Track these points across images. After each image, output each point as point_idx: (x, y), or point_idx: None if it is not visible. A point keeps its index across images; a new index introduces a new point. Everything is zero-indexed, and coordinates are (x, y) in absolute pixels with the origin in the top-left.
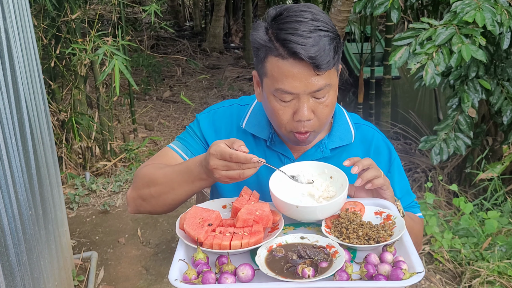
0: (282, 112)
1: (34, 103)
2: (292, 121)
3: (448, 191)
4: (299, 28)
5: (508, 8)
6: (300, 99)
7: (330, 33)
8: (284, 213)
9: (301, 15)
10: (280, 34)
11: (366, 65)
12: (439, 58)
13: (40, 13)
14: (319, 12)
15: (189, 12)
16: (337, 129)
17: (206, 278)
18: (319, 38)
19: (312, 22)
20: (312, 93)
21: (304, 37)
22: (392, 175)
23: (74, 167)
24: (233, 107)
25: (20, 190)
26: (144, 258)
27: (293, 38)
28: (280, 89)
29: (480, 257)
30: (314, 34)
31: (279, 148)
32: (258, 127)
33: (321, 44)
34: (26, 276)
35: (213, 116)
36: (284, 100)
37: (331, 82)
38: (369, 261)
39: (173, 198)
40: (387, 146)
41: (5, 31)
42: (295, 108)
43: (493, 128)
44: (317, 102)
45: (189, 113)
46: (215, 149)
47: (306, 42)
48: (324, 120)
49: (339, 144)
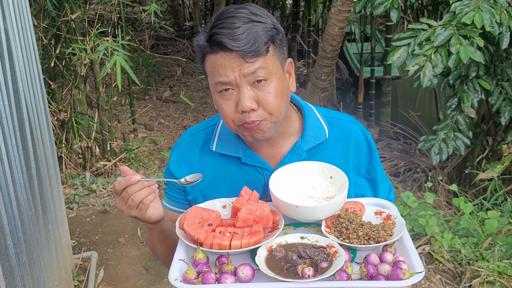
0: (225, 106)
1: (34, 103)
2: (237, 114)
3: (448, 191)
4: (229, 21)
5: (507, 8)
6: (240, 88)
7: (264, 24)
8: (284, 213)
9: (235, 12)
10: (211, 31)
11: (366, 65)
12: (437, 59)
13: (40, 13)
14: (256, 8)
15: (189, 12)
16: (309, 128)
17: (206, 278)
18: (249, 28)
19: (246, 16)
20: (248, 79)
21: (233, 28)
22: (374, 167)
23: (74, 167)
24: (197, 135)
25: (20, 190)
26: (144, 258)
27: (221, 31)
28: (218, 81)
29: (480, 257)
30: (246, 25)
31: (255, 162)
32: (228, 146)
33: (250, 33)
34: (26, 276)
35: (179, 153)
36: (224, 91)
37: (267, 66)
38: (369, 261)
39: (161, 252)
40: (366, 138)
41: (5, 31)
42: (237, 99)
43: (493, 128)
44: (258, 91)
45: (189, 113)
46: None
47: (234, 32)
48: (272, 109)
49: (313, 144)
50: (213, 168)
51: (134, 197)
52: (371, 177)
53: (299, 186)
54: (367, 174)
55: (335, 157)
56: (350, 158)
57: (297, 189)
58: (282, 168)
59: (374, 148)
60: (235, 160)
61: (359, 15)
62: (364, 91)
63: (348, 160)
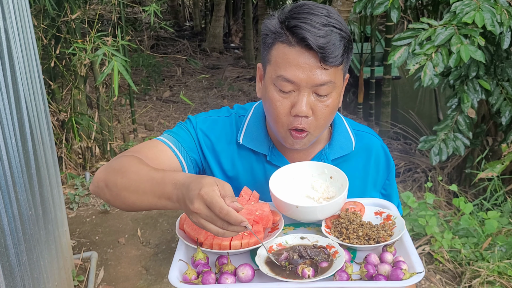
0: (280, 104)
1: (34, 103)
2: (289, 116)
3: (448, 191)
4: (312, 19)
5: (508, 8)
6: (301, 92)
7: (342, 32)
8: (284, 213)
9: (316, 9)
10: (292, 22)
11: (366, 65)
12: (438, 58)
13: (40, 13)
14: (336, 13)
15: (189, 12)
16: (337, 138)
17: (206, 278)
18: (330, 32)
19: (326, 18)
20: (313, 88)
21: (315, 27)
22: (390, 182)
23: (74, 167)
24: (231, 118)
25: (20, 190)
26: (144, 258)
27: (304, 26)
28: (282, 75)
29: (480, 257)
30: (326, 27)
31: (279, 162)
32: (256, 141)
33: (331, 38)
34: (26, 276)
35: (212, 124)
36: (284, 89)
37: (336, 81)
38: (369, 261)
39: (133, 201)
40: (385, 153)
41: (5, 31)
42: (294, 102)
43: (493, 128)
44: (318, 100)
45: (189, 113)
46: (207, 192)
47: (317, 32)
48: (322, 122)
49: (340, 154)
50: (239, 158)
51: (224, 235)
52: (387, 193)
53: (299, 186)
54: (383, 189)
55: (356, 169)
56: (370, 172)
57: (297, 189)
58: (282, 168)
59: (392, 164)
60: (260, 157)
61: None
62: (364, 91)
63: (368, 173)
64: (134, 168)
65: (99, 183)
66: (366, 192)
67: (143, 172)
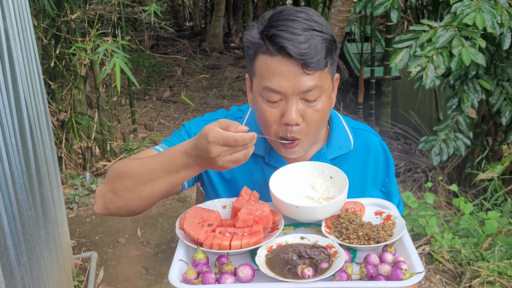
0: (269, 114)
1: (34, 103)
2: (279, 125)
3: (448, 191)
4: (290, 25)
5: (508, 9)
6: (288, 100)
7: (324, 34)
8: (284, 213)
9: (295, 15)
10: (270, 31)
11: (366, 65)
12: (439, 60)
13: (40, 13)
14: (316, 15)
15: (189, 12)
16: (335, 137)
17: (206, 278)
18: (311, 36)
19: (306, 22)
20: (301, 95)
21: (294, 34)
22: (390, 180)
23: (74, 167)
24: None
25: (20, 190)
26: (144, 258)
27: (282, 34)
28: (267, 87)
29: (480, 257)
30: (306, 32)
31: (277, 164)
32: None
33: (312, 42)
34: (26, 276)
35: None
36: (271, 100)
37: (323, 84)
38: (369, 261)
39: (151, 191)
40: (384, 150)
41: (5, 31)
42: (283, 111)
43: (493, 128)
44: (307, 106)
45: (189, 113)
46: (214, 135)
47: (296, 39)
48: (314, 127)
49: (338, 154)
50: None
51: (249, 152)
52: (387, 190)
53: (299, 186)
54: (383, 186)
55: (355, 168)
56: (369, 170)
57: (297, 189)
58: (282, 168)
59: (391, 162)
60: (258, 158)
61: (359, 15)
62: (364, 91)
63: (367, 171)
64: (134, 165)
65: (104, 197)
66: (366, 190)
67: (146, 162)
